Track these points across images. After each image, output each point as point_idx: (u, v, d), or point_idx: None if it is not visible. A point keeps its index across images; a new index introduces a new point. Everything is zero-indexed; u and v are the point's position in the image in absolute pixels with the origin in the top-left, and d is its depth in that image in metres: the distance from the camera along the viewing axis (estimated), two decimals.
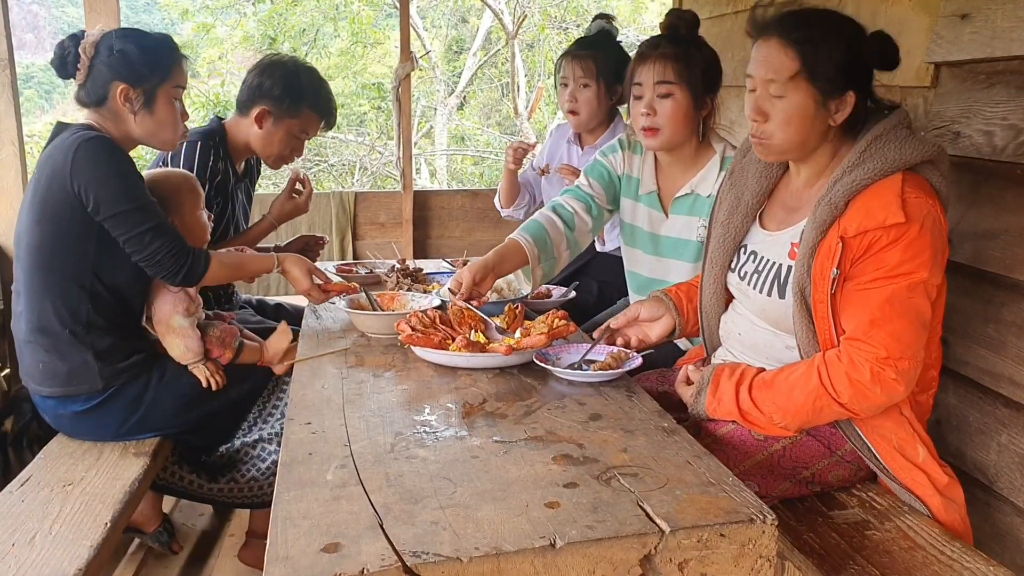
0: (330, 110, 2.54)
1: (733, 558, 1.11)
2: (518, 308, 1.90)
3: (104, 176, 1.83)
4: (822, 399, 1.47)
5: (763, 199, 1.73)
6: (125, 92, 1.92)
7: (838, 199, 1.48)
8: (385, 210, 4.49)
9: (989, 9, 1.73)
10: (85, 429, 1.98)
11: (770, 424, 1.55)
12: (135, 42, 1.95)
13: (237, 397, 2.10)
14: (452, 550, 1.02)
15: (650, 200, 2.19)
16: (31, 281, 1.90)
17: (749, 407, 1.55)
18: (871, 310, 1.44)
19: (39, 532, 1.58)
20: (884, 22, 2.11)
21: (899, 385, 1.44)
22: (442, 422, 1.43)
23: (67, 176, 1.81)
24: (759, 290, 1.65)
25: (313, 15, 10.56)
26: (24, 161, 2.90)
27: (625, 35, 9.74)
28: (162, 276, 1.93)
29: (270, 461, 2.08)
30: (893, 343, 1.42)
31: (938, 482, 1.52)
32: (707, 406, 1.61)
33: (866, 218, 1.44)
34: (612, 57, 2.64)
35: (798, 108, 1.51)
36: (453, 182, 10.69)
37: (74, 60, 1.92)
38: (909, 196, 1.43)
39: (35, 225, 1.87)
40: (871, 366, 1.43)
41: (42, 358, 1.92)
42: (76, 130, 1.88)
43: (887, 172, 1.46)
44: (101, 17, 3.09)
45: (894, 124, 1.50)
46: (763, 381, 1.56)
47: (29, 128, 11.16)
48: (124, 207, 1.85)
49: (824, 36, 1.49)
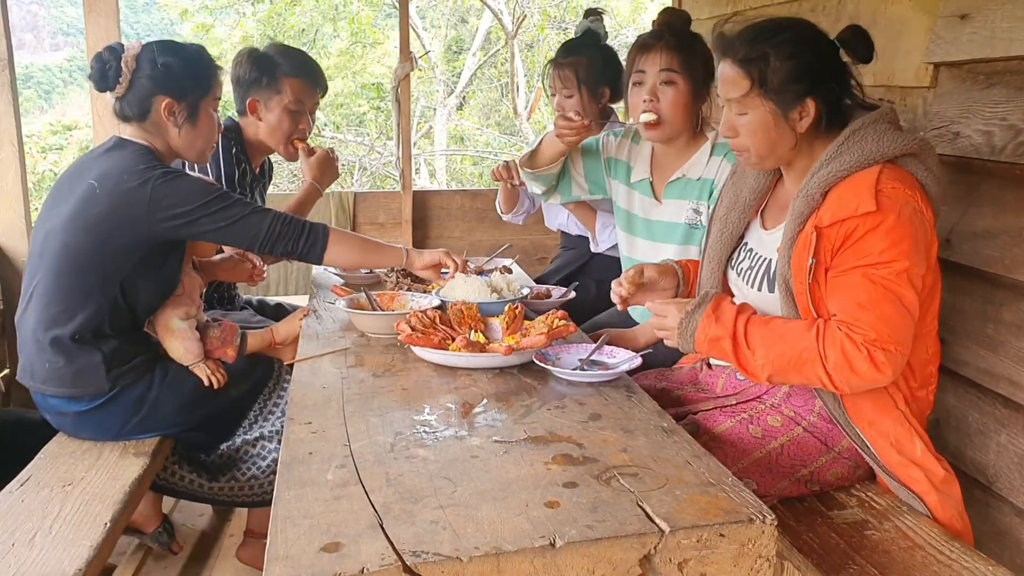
0: (309, 69, 2.53)
1: (732, 558, 1.11)
2: (518, 308, 1.90)
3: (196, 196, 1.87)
4: (809, 352, 1.45)
5: (761, 197, 1.75)
6: (170, 106, 1.94)
7: (814, 191, 1.51)
8: (384, 210, 4.49)
9: (988, 9, 1.73)
10: (87, 429, 1.98)
11: (751, 361, 1.51)
12: (177, 55, 1.95)
13: (239, 395, 2.11)
14: (452, 550, 1.02)
15: (643, 187, 2.27)
16: (54, 281, 1.88)
17: (741, 336, 1.52)
18: (856, 294, 1.45)
19: (39, 532, 1.58)
20: (884, 22, 2.12)
21: (886, 368, 1.42)
22: (442, 422, 1.43)
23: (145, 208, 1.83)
24: (751, 285, 1.68)
25: (312, 15, 10.57)
26: (23, 161, 2.90)
27: (625, 35, 9.74)
28: (288, 249, 1.98)
29: (270, 459, 2.08)
30: (882, 326, 1.42)
31: (935, 477, 1.52)
32: (701, 320, 1.54)
33: (839, 208, 1.46)
34: (596, 60, 2.61)
35: (760, 123, 1.56)
36: (452, 182, 10.69)
37: (116, 74, 1.91)
38: (885, 186, 1.45)
39: (80, 232, 1.85)
40: (864, 343, 1.43)
41: (49, 358, 1.92)
42: (147, 163, 1.88)
43: (864, 164, 1.48)
44: (101, 17, 3.09)
45: (875, 119, 1.52)
46: (759, 318, 1.55)
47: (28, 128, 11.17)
48: (221, 204, 1.89)
49: (773, 51, 1.52)
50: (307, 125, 2.56)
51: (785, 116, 1.55)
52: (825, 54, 1.55)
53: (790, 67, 1.52)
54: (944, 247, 1.89)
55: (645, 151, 2.28)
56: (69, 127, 11.97)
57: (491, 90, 11.85)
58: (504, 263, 2.63)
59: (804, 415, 1.64)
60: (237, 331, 2.10)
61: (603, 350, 1.79)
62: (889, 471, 1.54)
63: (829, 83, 1.54)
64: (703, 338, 1.55)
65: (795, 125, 1.55)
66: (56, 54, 20.56)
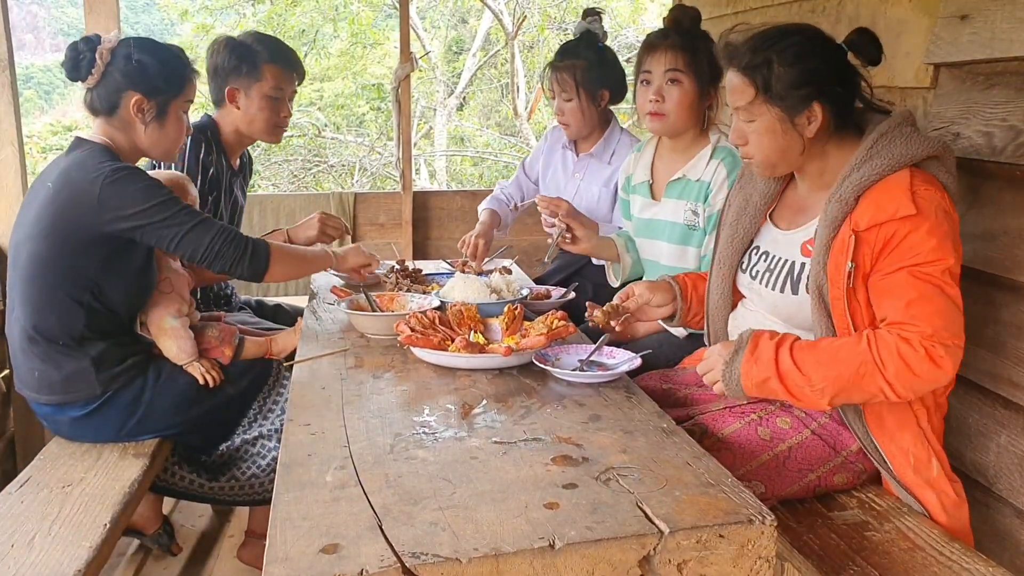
0: (288, 56, 2.51)
1: (732, 559, 1.11)
2: (517, 309, 1.90)
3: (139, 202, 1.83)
4: (866, 366, 1.43)
5: (772, 200, 1.76)
6: (139, 103, 1.93)
7: (848, 195, 1.50)
8: (385, 211, 4.49)
9: (988, 10, 1.73)
10: (84, 434, 1.98)
11: (807, 387, 1.46)
12: (152, 54, 1.95)
13: (235, 394, 2.10)
14: (451, 551, 1.02)
15: (642, 189, 2.29)
16: (27, 291, 1.89)
17: (789, 367, 1.46)
18: (907, 293, 1.44)
19: (38, 533, 1.58)
20: (884, 23, 2.12)
21: (946, 362, 1.41)
22: (441, 423, 1.43)
23: (94, 207, 1.81)
24: (772, 287, 1.67)
25: (312, 16, 10.57)
26: (24, 162, 2.89)
27: (625, 35, 9.75)
28: (228, 267, 1.94)
29: (270, 458, 2.08)
30: (937, 320, 1.42)
31: (946, 500, 1.53)
32: (743, 367, 1.49)
33: (877, 211, 1.46)
34: (595, 63, 2.60)
35: (767, 129, 1.57)
36: (452, 183, 10.69)
37: (88, 64, 1.90)
38: (919, 189, 1.45)
39: (41, 237, 1.85)
40: (921, 342, 1.41)
41: (37, 366, 1.92)
42: (102, 158, 1.86)
43: (895, 168, 1.49)
44: (101, 18, 3.08)
45: (899, 122, 1.53)
46: (807, 343, 1.50)
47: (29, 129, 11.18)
48: (164, 214, 1.85)
49: (776, 57, 1.53)
50: (287, 112, 2.54)
51: (792, 122, 1.55)
52: (831, 58, 1.55)
53: (794, 73, 1.52)
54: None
55: (647, 156, 2.31)
56: (69, 128, 11.97)
57: (491, 91, 11.84)
58: (504, 264, 2.63)
59: (815, 416, 1.64)
60: (235, 333, 2.10)
61: (603, 351, 1.79)
62: (903, 485, 1.55)
63: (836, 87, 1.54)
64: (750, 385, 1.50)
65: (803, 130, 1.55)
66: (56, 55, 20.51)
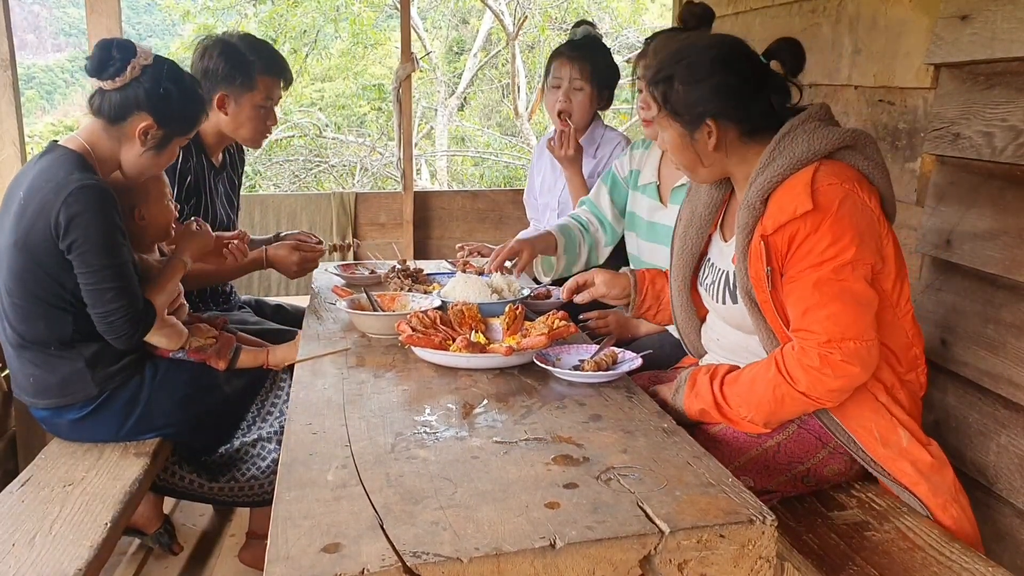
0: (282, 67, 2.48)
1: (732, 559, 1.11)
2: (518, 309, 1.90)
3: (90, 226, 1.77)
4: (781, 387, 1.48)
5: (716, 211, 1.77)
6: (148, 128, 1.88)
7: (754, 200, 1.53)
8: (386, 211, 4.50)
9: (989, 11, 1.73)
10: (84, 435, 1.98)
11: (739, 418, 1.57)
12: (179, 85, 1.92)
13: (233, 393, 2.10)
14: (452, 550, 1.02)
15: (650, 191, 2.28)
16: (12, 300, 1.87)
17: (721, 401, 1.58)
18: (803, 299, 1.47)
19: (39, 532, 1.58)
20: (884, 23, 2.12)
21: (851, 366, 1.43)
22: (442, 422, 1.44)
23: (52, 216, 1.76)
24: (715, 299, 1.71)
25: (314, 16, 10.57)
26: (25, 161, 2.90)
27: (625, 35, 9.75)
28: (111, 337, 1.86)
29: (270, 460, 2.08)
30: (831, 325, 1.44)
31: (922, 464, 1.51)
32: (684, 401, 1.63)
33: (779, 212, 1.47)
34: (603, 62, 2.66)
35: (673, 140, 1.62)
36: (453, 183, 10.69)
37: (116, 71, 1.85)
38: (821, 184, 1.46)
39: (14, 249, 1.82)
40: (817, 351, 1.44)
41: (31, 371, 1.91)
42: (71, 168, 1.81)
43: (798, 165, 1.49)
44: (102, 18, 3.09)
45: (803, 119, 1.53)
46: (732, 376, 1.59)
47: (30, 128, 11.18)
48: (99, 262, 1.80)
49: (676, 74, 1.56)
50: (274, 120, 2.52)
51: (692, 136, 1.58)
52: (736, 74, 1.55)
53: (689, 92, 1.55)
54: (944, 248, 1.89)
55: (654, 156, 2.29)
56: (71, 127, 11.97)
57: (492, 91, 11.85)
58: (504, 263, 2.62)
59: None
60: (233, 344, 2.10)
61: (603, 351, 1.79)
62: (879, 465, 1.54)
63: (739, 103, 1.55)
64: (693, 413, 1.63)
65: (703, 145, 1.58)
66: (58, 55, 20.59)
